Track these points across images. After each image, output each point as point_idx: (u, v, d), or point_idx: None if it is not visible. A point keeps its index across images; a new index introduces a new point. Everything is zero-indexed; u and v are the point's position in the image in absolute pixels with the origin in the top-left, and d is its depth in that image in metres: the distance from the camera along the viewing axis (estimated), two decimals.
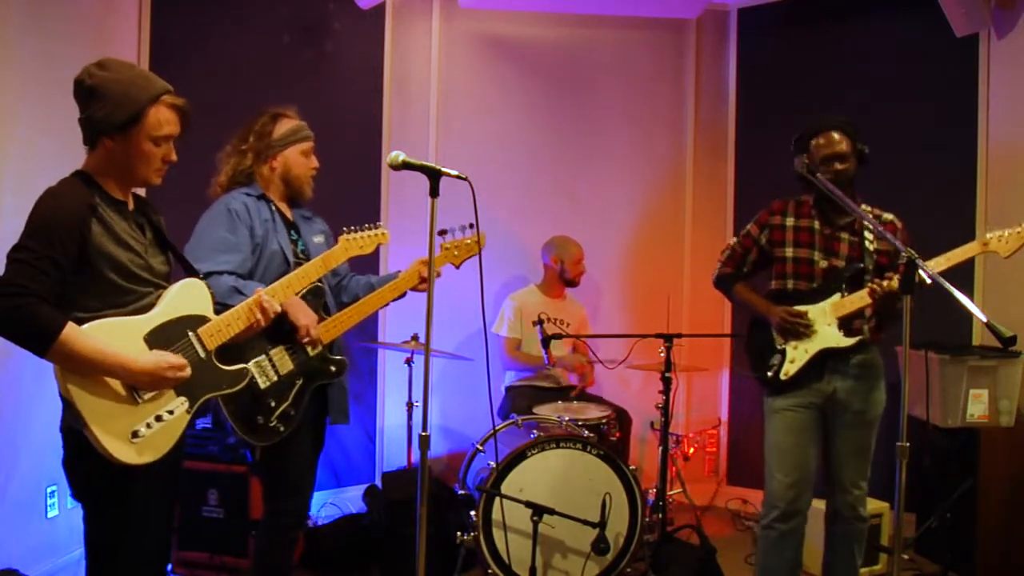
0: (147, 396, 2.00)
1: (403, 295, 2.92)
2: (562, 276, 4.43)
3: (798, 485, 2.88)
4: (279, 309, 2.38)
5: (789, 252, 2.95)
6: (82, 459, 1.99)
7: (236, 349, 2.36)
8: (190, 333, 2.11)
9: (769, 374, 2.96)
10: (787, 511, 2.89)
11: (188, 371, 2.04)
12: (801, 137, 2.94)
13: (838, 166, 2.83)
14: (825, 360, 2.89)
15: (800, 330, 2.87)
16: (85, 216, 1.95)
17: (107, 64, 2.04)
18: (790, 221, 2.97)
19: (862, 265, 2.85)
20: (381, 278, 2.98)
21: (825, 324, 2.87)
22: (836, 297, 2.86)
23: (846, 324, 2.86)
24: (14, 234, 1.93)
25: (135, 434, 1.96)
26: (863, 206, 2.90)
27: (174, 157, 2.12)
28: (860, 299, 2.80)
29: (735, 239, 3.12)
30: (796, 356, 2.91)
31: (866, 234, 2.88)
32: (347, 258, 2.68)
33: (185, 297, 2.13)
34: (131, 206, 2.14)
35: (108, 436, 1.91)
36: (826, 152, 2.85)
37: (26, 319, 1.84)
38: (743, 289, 3.09)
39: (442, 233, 2.86)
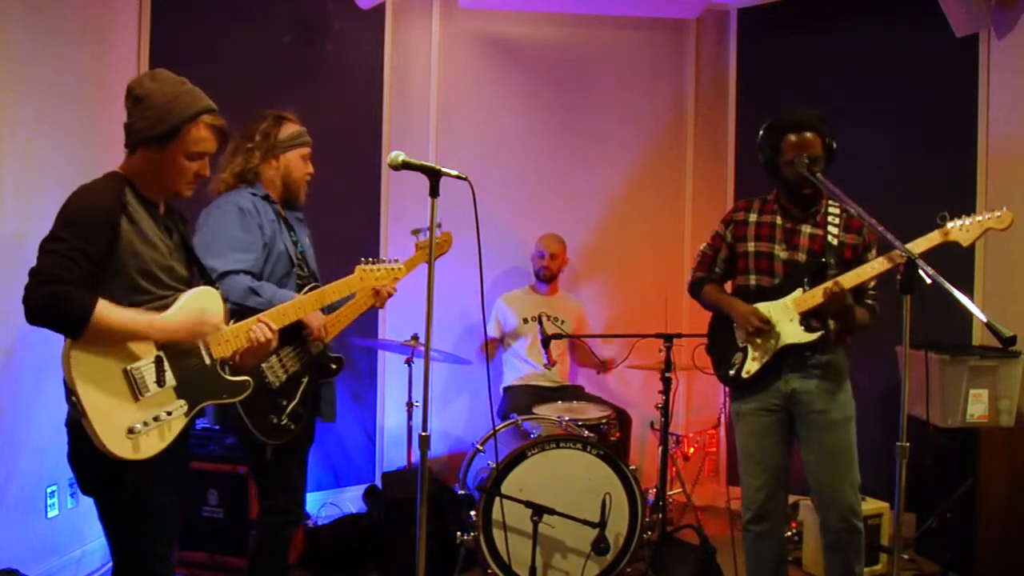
0: (148, 394, 2.02)
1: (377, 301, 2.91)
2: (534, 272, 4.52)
3: (766, 488, 2.88)
4: (271, 336, 2.32)
5: (751, 247, 2.91)
6: (85, 453, 2.02)
7: None
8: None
9: (731, 372, 2.91)
10: (758, 513, 2.90)
11: (223, 326, 2.12)
12: (771, 127, 2.87)
13: (809, 161, 2.74)
14: (784, 359, 2.83)
15: (762, 336, 2.82)
16: (116, 212, 2.01)
17: (159, 76, 2.11)
18: (753, 217, 2.94)
19: (824, 259, 2.80)
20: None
21: (787, 320, 2.81)
22: (798, 292, 2.81)
23: (807, 320, 2.80)
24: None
25: (131, 431, 1.98)
26: (830, 204, 2.87)
27: (207, 172, 2.19)
28: (820, 294, 2.74)
29: (705, 244, 3.07)
30: (758, 354, 2.86)
31: (829, 228, 2.83)
32: (362, 287, 2.71)
33: (198, 304, 2.16)
34: (162, 211, 2.19)
35: (105, 429, 1.94)
36: (804, 152, 2.77)
37: (60, 306, 1.89)
38: (712, 290, 3.02)
39: (415, 232, 3.02)
